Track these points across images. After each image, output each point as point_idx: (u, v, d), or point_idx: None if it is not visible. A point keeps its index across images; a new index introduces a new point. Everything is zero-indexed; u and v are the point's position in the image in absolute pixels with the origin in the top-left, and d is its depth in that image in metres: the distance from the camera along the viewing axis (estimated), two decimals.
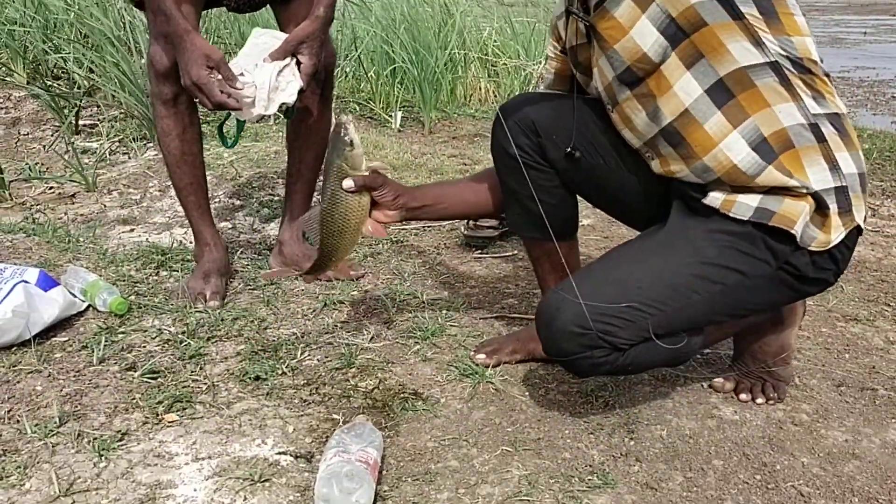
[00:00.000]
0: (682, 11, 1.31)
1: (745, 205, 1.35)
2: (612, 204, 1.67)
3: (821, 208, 1.33)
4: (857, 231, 1.38)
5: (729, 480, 1.37)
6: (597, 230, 2.59)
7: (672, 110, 1.37)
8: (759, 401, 1.60)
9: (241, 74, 1.76)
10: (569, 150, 1.52)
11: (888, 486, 1.36)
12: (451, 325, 1.91)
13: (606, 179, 1.58)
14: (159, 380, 1.62)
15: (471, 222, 2.53)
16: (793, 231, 1.32)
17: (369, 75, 4.25)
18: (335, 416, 1.52)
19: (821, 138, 1.33)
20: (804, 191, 1.32)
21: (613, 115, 1.48)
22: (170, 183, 2.14)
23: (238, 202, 2.70)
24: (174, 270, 2.16)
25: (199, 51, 1.70)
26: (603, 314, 1.32)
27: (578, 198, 1.68)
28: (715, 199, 1.38)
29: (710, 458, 1.42)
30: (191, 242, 2.40)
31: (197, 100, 1.79)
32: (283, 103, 1.79)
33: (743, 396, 1.61)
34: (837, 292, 2.17)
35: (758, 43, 1.30)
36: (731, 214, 1.36)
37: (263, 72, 1.76)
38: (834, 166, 1.33)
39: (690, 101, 1.35)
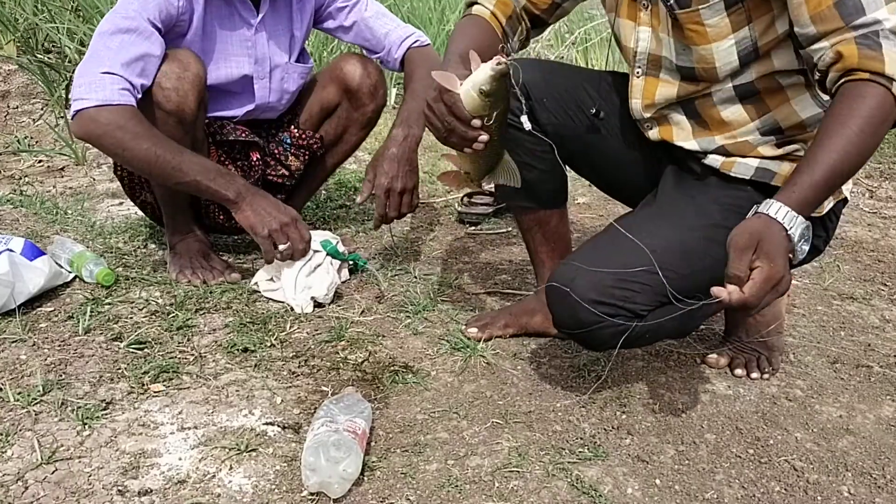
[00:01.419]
0: (766, 44, 1.30)
1: (745, 165, 1.38)
2: (600, 172, 1.64)
3: None
4: (843, 202, 1.44)
5: (721, 454, 1.35)
6: (592, 208, 2.57)
7: (703, 99, 1.38)
8: (755, 375, 1.59)
9: (270, 280, 1.83)
10: (593, 110, 1.51)
11: (881, 461, 1.35)
12: (442, 300, 1.88)
13: (596, 146, 1.55)
14: (146, 350, 1.60)
15: (465, 199, 2.51)
16: None
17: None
18: (324, 387, 1.50)
19: None
20: (801, 154, 1.35)
21: (638, 80, 1.44)
22: None
23: None
24: (162, 244, 2.12)
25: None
26: (621, 280, 1.30)
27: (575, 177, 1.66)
28: (714, 160, 1.41)
29: (702, 432, 1.41)
30: None
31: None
32: (313, 297, 1.80)
33: (738, 371, 1.60)
34: (834, 271, 2.15)
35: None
36: (731, 174, 1.38)
37: (288, 274, 1.79)
38: None
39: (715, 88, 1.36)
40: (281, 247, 1.74)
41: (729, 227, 1.35)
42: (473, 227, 2.41)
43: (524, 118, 1.30)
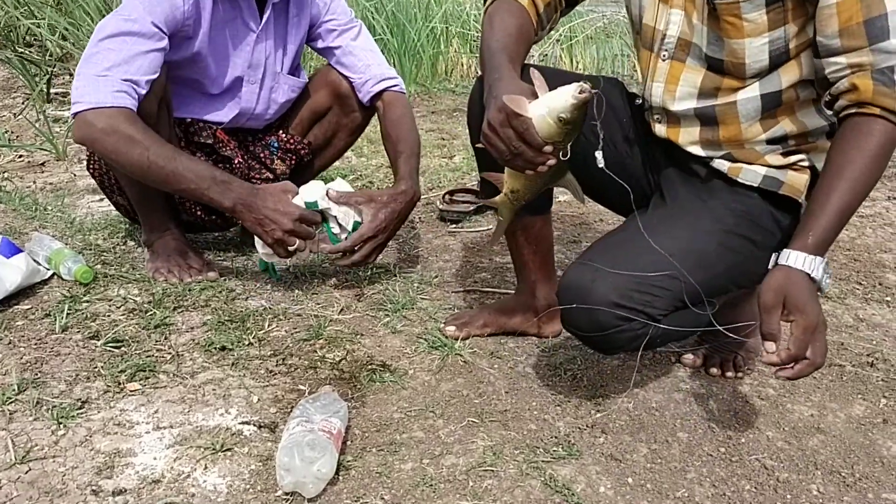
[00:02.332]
0: (798, 45, 1.29)
1: (752, 172, 1.39)
2: (592, 176, 1.63)
3: (815, 183, 1.36)
4: None
5: (693, 452, 1.37)
6: (573, 205, 2.58)
7: (724, 99, 1.37)
8: (730, 374, 1.60)
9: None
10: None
11: (851, 459, 1.37)
12: (422, 298, 1.89)
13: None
14: (123, 349, 1.60)
15: (446, 196, 2.51)
16: (800, 200, 1.37)
17: None
18: (301, 386, 1.51)
19: (831, 134, 1.38)
20: (806, 164, 1.37)
21: (663, 63, 1.40)
22: None
23: None
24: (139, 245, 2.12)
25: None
26: (643, 284, 1.29)
27: None
28: (721, 164, 1.42)
29: (675, 431, 1.42)
30: None
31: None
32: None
33: (713, 370, 1.61)
34: None
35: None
36: (739, 179, 1.39)
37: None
38: None
39: (742, 97, 1.36)
40: (290, 248, 1.74)
41: (742, 234, 1.38)
42: (455, 225, 2.42)
43: (599, 154, 1.26)
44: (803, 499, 1.28)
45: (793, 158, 1.38)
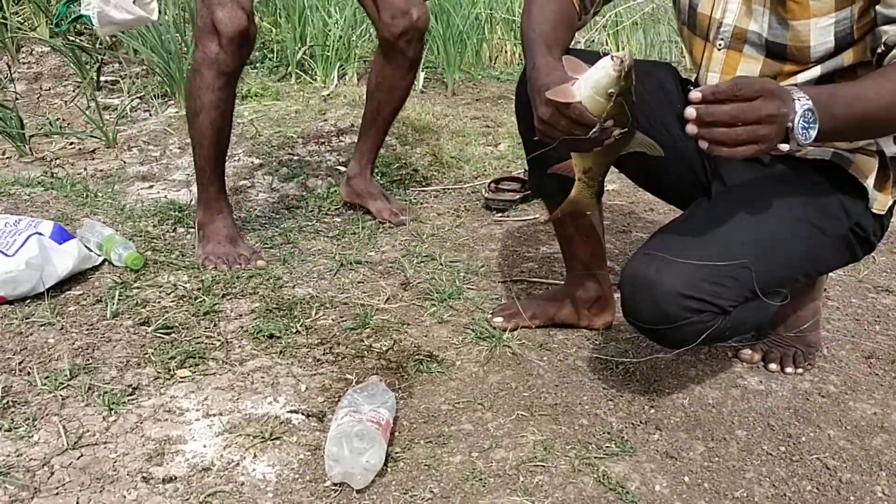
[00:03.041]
0: (862, 26, 1.24)
1: (822, 150, 1.34)
2: (649, 167, 1.59)
3: (883, 170, 1.33)
4: None
5: (752, 451, 1.32)
6: (622, 195, 2.53)
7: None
8: (789, 370, 1.55)
9: None
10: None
11: None
12: (468, 288, 1.87)
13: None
14: (172, 335, 1.61)
15: (492, 185, 2.48)
16: (865, 184, 1.32)
17: None
18: (348, 375, 1.50)
19: None
20: (873, 148, 1.32)
21: (718, 52, 1.36)
22: (188, 140, 2.11)
23: (257, 161, 2.66)
24: (191, 227, 2.13)
25: None
26: (711, 273, 1.24)
27: None
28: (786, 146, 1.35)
29: (732, 429, 1.38)
30: None
31: None
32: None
33: (772, 366, 1.57)
34: (869, 262, 2.09)
35: None
36: (808, 157, 1.34)
37: None
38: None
39: (802, 80, 1.30)
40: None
41: (811, 222, 1.32)
42: (500, 214, 2.38)
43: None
44: (867, 501, 1.23)
45: (860, 143, 1.32)
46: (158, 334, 1.60)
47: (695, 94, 1.04)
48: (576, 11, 1.39)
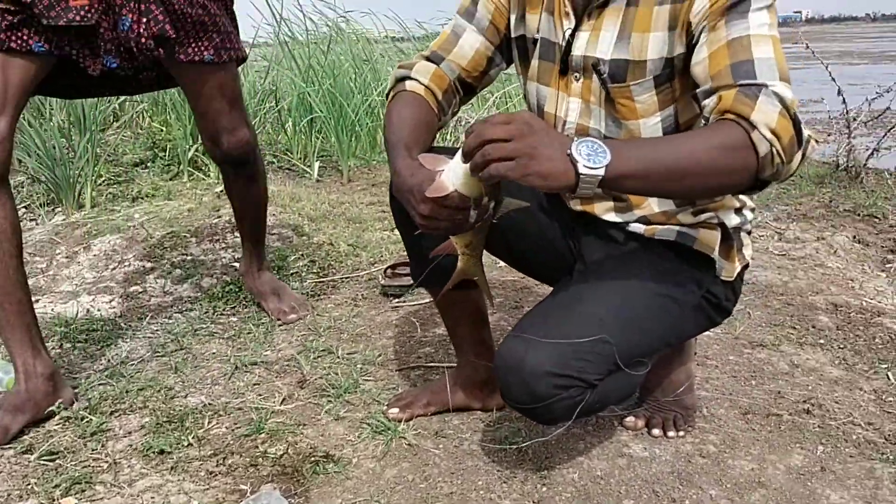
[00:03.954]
0: (686, 121, 1.36)
1: (667, 230, 1.44)
2: (515, 248, 1.67)
3: (725, 241, 1.44)
4: (746, 266, 1.50)
5: None
6: (513, 271, 2.61)
7: None
8: (671, 434, 1.62)
9: None
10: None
11: None
12: (365, 380, 1.88)
13: (510, 224, 1.58)
14: (57, 461, 1.56)
15: (388, 270, 2.53)
16: (713, 256, 1.42)
17: (286, 127, 4.24)
18: (242, 486, 1.48)
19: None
20: (715, 221, 1.43)
21: None
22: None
23: (149, 265, 2.63)
24: (78, 342, 2.08)
25: None
26: (576, 350, 1.30)
27: None
28: (637, 227, 1.46)
29: (620, 499, 1.43)
30: (98, 311, 2.33)
31: None
32: None
33: (656, 431, 1.63)
34: (745, 318, 2.23)
35: None
36: (656, 237, 1.44)
37: None
38: (739, 210, 1.46)
39: None
40: None
41: (665, 294, 1.41)
42: (398, 300, 2.43)
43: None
44: None
45: (702, 217, 1.43)
46: (42, 461, 1.55)
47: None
48: (435, 114, 1.47)
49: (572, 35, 1.37)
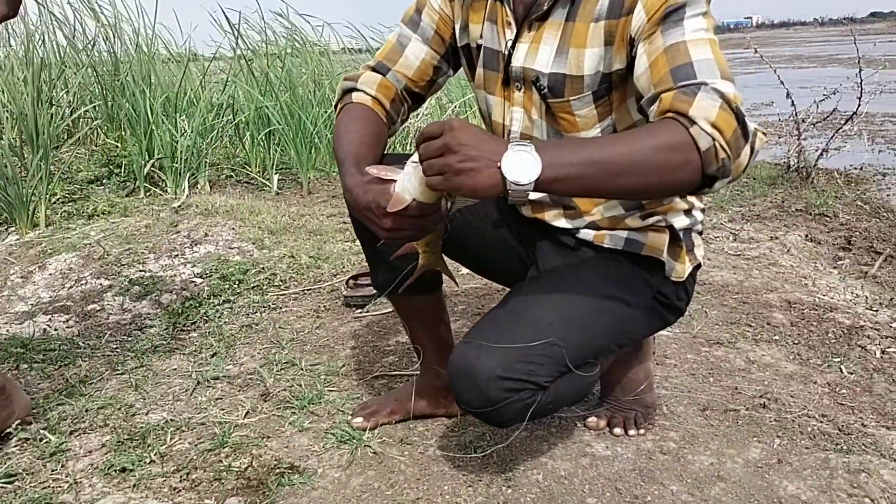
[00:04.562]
0: (624, 129, 1.38)
1: (615, 237, 1.47)
2: (472, 252, 1.69)
3: (674, 242, 1.47)
4: (698, 266, 1.53)
5: None
6: (476, 278, 2.63)
7: None
8: (632, 432, 1.65)
9: None
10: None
11: None
12: (329, 391, 1.88)
13: (467, 227, 1.61)
14: (16, 483, 1.53)
15: (350, 281, 2.53)
16: (662, 258, 1.45)
17: (244, 140, 4.22)
18: (207, 501, 1.47)
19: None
20: (663, 224, 1.46)
21: None
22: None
23: (106, 282, 2.60)
24: (35, 362, 2.05)
25: None
26: (525, 354, 1.32)
27: None
28: (587, 234, 1.50)
29: (584, 498, 1.45)
30: (55, 330, 2.30)
31: None
32: None
33: (617, 430, 1.66)
34: (702, 317, 2.27)
35: None
36: (604, 245, 1.47)
37: None
38: (688, 212, 1.49)
39: None
40: None
41: (615, 296, 1.43)
42: (360, 310, 2.43)
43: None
44: None
45: (651, 220, 1.46)
46: (0, 485, 1.52)
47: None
48: (384, 123, 1.49)
49: (513, 45, 1.40)
